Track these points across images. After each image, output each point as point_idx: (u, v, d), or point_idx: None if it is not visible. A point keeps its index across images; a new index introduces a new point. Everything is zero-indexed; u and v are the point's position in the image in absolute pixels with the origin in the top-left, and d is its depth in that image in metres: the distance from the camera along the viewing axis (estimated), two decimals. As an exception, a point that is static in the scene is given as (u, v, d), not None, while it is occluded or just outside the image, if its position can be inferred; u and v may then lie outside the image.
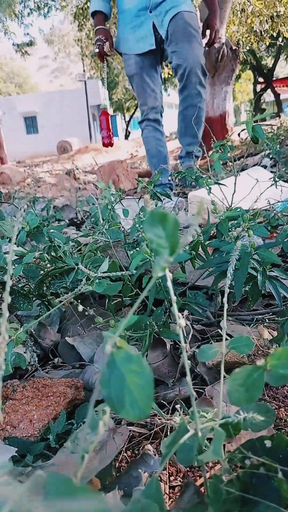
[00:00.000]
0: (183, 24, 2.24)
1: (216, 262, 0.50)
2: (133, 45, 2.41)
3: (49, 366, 0.72)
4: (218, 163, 0.68)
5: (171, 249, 0.24)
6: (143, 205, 0.55)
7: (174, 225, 0.24)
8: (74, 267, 0.62)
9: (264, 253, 0.47)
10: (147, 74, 2.43)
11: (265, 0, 7.50)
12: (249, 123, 0.60)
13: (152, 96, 2.48)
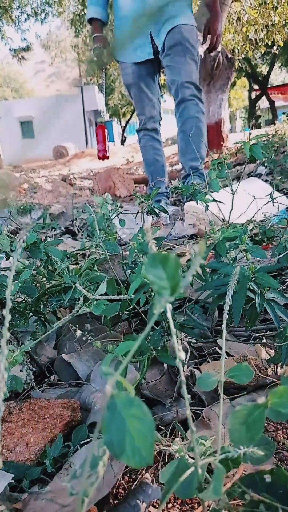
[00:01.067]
0: (180, 39, 2.20)
1: (214, 285, 0.50)
2: (130, 54, 2.36)
3: (45, 384, 0.71)
4: (216, 181, 0.68)
5: (172, 289, 0.24)
6: (141, 227, 0.55)
7: (175, 266, 0.24)
8: (71, 286, 0.62)
9: (262, 277, 0.47)
10: (144, 83, 2.39)
11: (260, 9, 7.59)
12: (246, 143, 0.61)
13: (149, 105, 2.45)
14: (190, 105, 2.22)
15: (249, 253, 0.49)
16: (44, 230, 1.90)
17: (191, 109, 2.23)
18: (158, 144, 2.57)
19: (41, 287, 0.75)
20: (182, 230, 1.71)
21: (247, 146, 0.61)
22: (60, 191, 5.25)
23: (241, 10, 7.57)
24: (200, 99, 2.25)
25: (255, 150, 0.60)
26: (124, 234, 1.93)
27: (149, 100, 2.43)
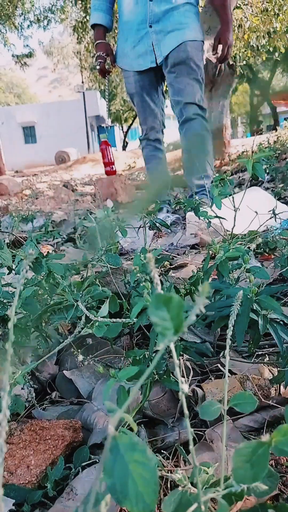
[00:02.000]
0: (185, 58, 2.11)
1: (217, 306, 0.50)
2: (133, 62, 2.28)
3: (47, 401, 0.71)
4: (218, 199, 0.68)
5: (175, 330, 0.24)
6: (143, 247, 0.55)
7: (179, 307, 0.24)
8: (73, 304, 0.61)
9: (265, 300, 0.46)
10: (147, 93, 2.32)
11: (262, 16, 7.63)
12: (249, 161, 0.61)
13: (151, 116, 2.39)
14: (194, 123, 2.17)
15: (252, 276, 0.49)
16: (46, 238, 1.90)
17: (196, 128, 2.18)
18: (161, 153, 2.55)
19: (42, 303, 0.75)
20: (184, 239, 1.71)
21: (249, 164, 0.60)
22: (62, 197, 5.27)
23: (243, 17, 7.61)
24: (204, 118, 2.19)
25: (258, 168, 0.60)
26: (126, 243, 1.93)
27: (151, 110, 2.38)
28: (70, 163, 15.40)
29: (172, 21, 2.10)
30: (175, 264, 1.49)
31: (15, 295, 0.33)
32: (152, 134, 2.43)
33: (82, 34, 10.95)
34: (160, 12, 2.09)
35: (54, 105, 25.23)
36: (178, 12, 2.10)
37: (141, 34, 2.17)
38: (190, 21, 2.13)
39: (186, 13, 2.11)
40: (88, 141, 22.99)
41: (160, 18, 2.10)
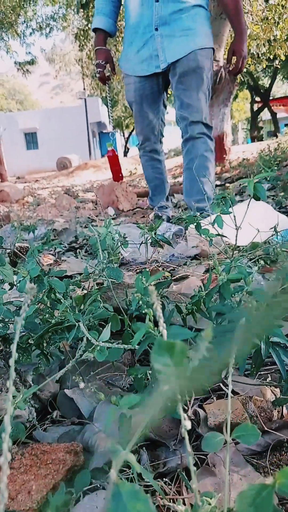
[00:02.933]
0: (195, 68, 2.01)
1: (219, 331, 0.50)
2: (136, 66, 2.15)
3: (48, 421, 0.70)
4: (219, 218, 0.68)
5: (178, 376, 0.24)
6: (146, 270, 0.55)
7: (181, 353, 0.24)
8: (75, 324, 0.61)
9: (267, 326, 0.46)
10: (147, 103, 2.22)
11: (262, 25, 7.68)
12: (250, 181, 0.61)
13: (149, 127, 2.30)
14: (198, 143, 2.10)
15: (255, 301, 0.49)
16: (47, 247, 1.90)
17: (200, 147, 2.10)
18: (158, 163, 2.48)
19: (43, 321, 0.75)
20: (185, 250, 1.71)
21: (251, 184, 0.61)
22: (64, 204, 5.28)
23: (243, 25, 7.64)
24: (209, 137, 2.12)
25: (259, 189, 0.60)
26: (127, 252, 1.93)
27: (148, 121, 2.29)
28: (71, 169, 15.46)
29: (180, 26, 1.98)
30: (176, 275, 1.49)
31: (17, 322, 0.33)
32: (148, 145, 2.38)
33: (84, 42, 11.05)
34: (166, 14, 1.97)
35: (55, 111, 25.39)
36: (187, 16, 1.98)
37: (146, 38, 2.05)
38: (200, 26, 2.01)
39: (195, 17, 1.99)
40: (90, 147, 23.10)
41: (167, 21, 1.98)
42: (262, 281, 1.22)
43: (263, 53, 8.08)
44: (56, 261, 2.03)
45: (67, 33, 12.53)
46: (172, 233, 2.04)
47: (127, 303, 0.76)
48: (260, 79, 20.14)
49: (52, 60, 19.43)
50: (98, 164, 15.02)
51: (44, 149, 24.00)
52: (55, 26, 12.78)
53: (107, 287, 0.94)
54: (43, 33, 12.97)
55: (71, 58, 17.99)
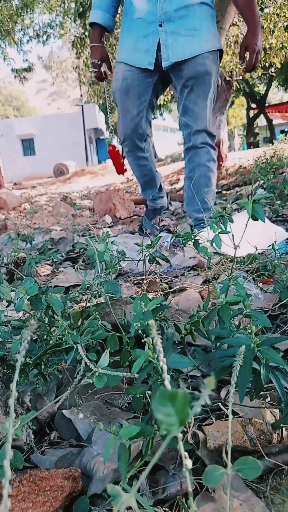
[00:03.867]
0: (203, 73, 1.92)
1: (218, 356, 0.50)
2: (130, 55, 1.99)
3: (45, 443, 0.69)
4: (218, 237, 0.68)
5: (180, 423, 0.24)
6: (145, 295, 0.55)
7: (184, 401, 0.23)
8: (73, 346, 0.61)
9: (267, 352, 0.46)
10: (133, 95, 2.02)
11: (258, 33, 7.73)
12: (248, 203, 0.61)
13: (132, 123, 2.09)
14: (201, 152, 2.04)
15: (254, 326, 0.48)
16: (44, 259, 1.89)
17: (202, 157, 2.04)
18: (144, 160, 2.29)
19: (41, 340, 0.74)
20: (183, 261, 1.71)
21: (249, 205, 0.61)
22: (61, 211, 5.29)
23: (239, 33, 7.73)
24: (212, 146, 2.07)
25: (258, 210, 0.60)
26: (125, 263, 1.93)
27: (132, 117, 2.07)
28: (68, 175, 15.49)
29: (185, 24, 1.87)
30: (174, 287, 1.49)
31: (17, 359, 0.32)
32: (129, 144, 2.19)
33: (81, 50, 11.11)
34: (171, 10, 1.86)
35: (53, 117, 25.48)
36: (194, 14, 1.87)
37: (148, 31, 1.92)
38: (206, 26, 1.91)
39: (201, 16, 1.89)
40: (87, 153, 23.16)
41: (172, 17, 1.87)
42: (260, 295, 1.22)
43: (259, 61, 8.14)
44: (54, 272, 2.02)
45: (64, 40, 12.61)
46: (169, 243, 2.05)
47: (125, 322, 0.75)
48: (255, 86, 20.33)
49: (49, 67, 19.52)
50: (95, 170, 15.06)
51: (41, 155, 24.05)
52: (52, 34, 12.85)
53: (105, 302, 0.94)
54: (40, 40, 13.03)
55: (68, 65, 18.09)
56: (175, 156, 21.79)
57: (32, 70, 13.99)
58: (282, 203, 2.90)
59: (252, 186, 4.46)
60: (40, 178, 18.92)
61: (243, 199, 0.65)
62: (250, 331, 0.47)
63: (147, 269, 1.57)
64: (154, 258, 0.87)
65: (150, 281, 1.51)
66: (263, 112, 20.67)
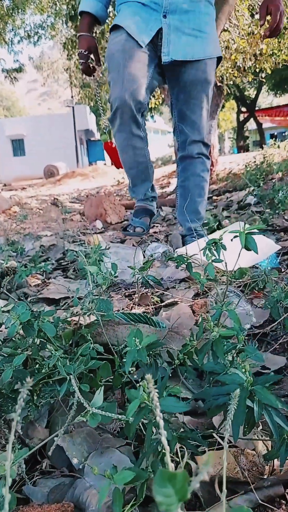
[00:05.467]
0: (203, 80, 1.86)
1: (212, 394, 0.50)
2: (129, 21, 1.77)
3: (37, 472, 0.69)
4: (211, 266, 0.69)
5: (179, 501, 0.24)
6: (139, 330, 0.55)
7: (183, 481, 0.23)
8: (66, 377, 0.61)
9: (261, 392, 0.46)
10: (137, 58, 1.77)
11: (248, 39, 7.82)
12: (242, 233, 0.61)
13: (135, 83, 1.76)
14: (196, 163, 2.00)
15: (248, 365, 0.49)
16: (35, 271, 1.88)
17: (197, 167, 2.00)
18: (140, 141, 1.93)
19: (32, 364, 0.74)
20: (174, 273, 1.71)
21: (242, 236, 0.61)
22: (51, 215, 5.26)
23: (230, 39, 7.80)
24: (207, 156, 2.04)
25: (251, 242, 0.60)
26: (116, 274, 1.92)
27: (134, 76, 1.76)
28: (59, 177, 15.41)
29: (190, 22, 1.76)
30: (165, 300, 1.49)
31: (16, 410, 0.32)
32: (124, 112, 1.79)
33: (72, 51, 11.08)
34: (179, 1, 1.73)
35: (43, 118, 25.36)
36: (200, 12, 1.78)
37: (150, 18, 1.76)
38: (210, 30, 1.84)
39: (207, 17, 1.82)
40: (77, 154, 23.09)
41: (177, 10, 1.74)
42: (251, 311, 1.23)
43: (249, 67, 8.22)
44: (44, 281, 2.01)
45: (56, 41, 12.58)
46: (161, 254, 2.05)
47: (117, 343, 0.75)
48: (246, 90, 20.50)
49: (40, 67, 19.43)
50: (86, 172, 15.01)
51: (31, 156, 23.90)
52: (43, 35, 12.80)
53: (97, 323, 0.94)
54: (31, 41, 12.97)
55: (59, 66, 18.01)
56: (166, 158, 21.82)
57: (22, 71, 13.92)
58: (272, 211, 2.92)
59: (243, 193, 4.49)
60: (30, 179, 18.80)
61: (234, 226, 0.66)
62: (244, 369, 0.48)
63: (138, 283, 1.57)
64: (147, 281, 0.87)
65: (141, 294, 1.51)
66: (253, 116, 20.87)
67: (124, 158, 2.00)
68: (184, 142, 2.00)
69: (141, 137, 1.93)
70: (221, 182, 6.35)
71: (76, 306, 1.08)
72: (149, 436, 0.43)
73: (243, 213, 3.31)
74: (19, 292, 1.83)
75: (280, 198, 2.64)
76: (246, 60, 8.31)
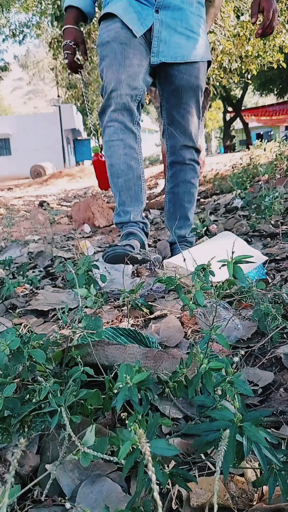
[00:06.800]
0: (196, 86, 1.80)
1: (202, 430, 0.51)
2: (121, 11, 1.66)
3: (29, 501, 0.69)
4: (200, 293, 0.70)
5: None
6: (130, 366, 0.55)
7: None
8: (57, 409, 0.61)
9: (250, 430, 0.47)
10: (132, 47, 1.65)
11: (234, 40, 7.88)
12: (230, 263, 0.62)
13: (131, 70, 1.64)
14: (187, 169, 1.96)
15: (237, 402, 0.50)
16: (23, 283, 1.87)
17: (188, 174, 1.96)
18: (133, 138, 1.71)
19: (23, 391, 0.74)
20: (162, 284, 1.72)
21: (230, 266, 0.62)
22: (38, 218, 5.22)
23: (216, 40, 7.84)
24: (197, 162, 2.00)
25: (238, 272, 0.61)
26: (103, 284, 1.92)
27: (131, 64, 1.64)
28: (46, 177, 15.30)
29: (184, 21, 1.69)
30: (154, 311, 1.49)
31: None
32: (119, 98, 1.64)
33: (58, 51, 11.01)
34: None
35: (29, 117, 25.14)
36: (192, 13, 1.71)
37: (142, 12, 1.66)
38: (202, 31, 1.77)
39: (199, 19, 1.76)
40: (64, 154, 22.96)
41: (171, 6, 1.66)
42: (239, 324, 1.24)
43: (235, 68, 8.28)
44: (32, 291, 1.99)
45: (41, 39, 12.49)
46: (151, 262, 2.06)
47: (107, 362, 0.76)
48: (232, 89, 20.64)
49: (26, 66, 19.26)
50: (73, 172, 14.93)
51: (17, 155, 23.67)
52: (29, 33, 12.69)
53: (87, 343, 0.94)
54: (16, 40, 12.84)
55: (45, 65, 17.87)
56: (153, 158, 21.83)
57: (8, 70, 13.79)
58: (258, 216, 2.95)
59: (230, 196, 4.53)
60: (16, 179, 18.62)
61: (222, 235, 0.67)
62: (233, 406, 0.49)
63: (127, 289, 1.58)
64: (137, 305, 0.88)
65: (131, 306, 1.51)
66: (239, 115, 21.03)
67: (111, 160, 1.74)
68: (173, 147, 1.95)
69: (134, 134, 1.73)
70: (208, 184, 6.39)
71: (65, 323, 1.08)
72: (140, 477, 0.43)
73: (231, 217, 3.34)
74: (7, 303, 1.81)
75: (267, 204, 2.67)
76: (232, 62, 8.37)
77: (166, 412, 0.85)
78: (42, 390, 0.62)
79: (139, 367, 0.65)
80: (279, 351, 1.13)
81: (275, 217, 2.85)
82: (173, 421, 0.84)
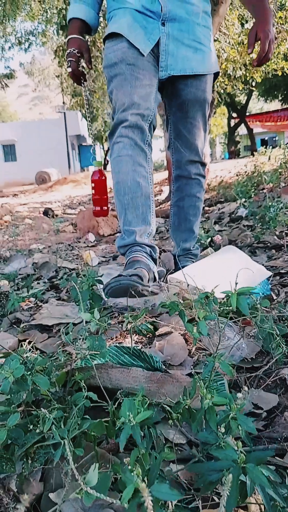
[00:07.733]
0: (203, 99, 1.79)
1: (205, 469, 0.51)
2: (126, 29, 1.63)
3: (32, 532, 0.69)
4: (203, 323, 0.70)
5: None
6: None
7: None
8: (60, 442, 0.61)
9: (253, 471, 0.47)
10: (142, 67, 1.62)
11: (238, 48, 7.91)
12: (233, 295, 0.62)
13: (143, 91, 1.61)
14: (192, 183, 1.95)
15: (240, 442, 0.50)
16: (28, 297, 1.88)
17: (193, 188, 1.96)
18: (143, 158, 1.65)
19: (26, 419, 0.74)
20: (166, 297, 1.72)
21: (233, 297, 0.62)
22: (43, 226, 5.25)
23: (220, 48, 7.87)
24: (203, 176, 1.99)
25: (242, 303, 0.61)
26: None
27: (142, 85, 1.60)
28: (50, 183, 15.37)
29: (191, 32, 1.68)
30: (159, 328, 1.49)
31: None
32: (132, 116, 1.59)
33: (64, 59, 11.10)
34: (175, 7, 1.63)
35: (34, 123, 25.34)
36: (198, 24, 1.69)
37: (147, 26, 1.63)
38: (209, 42, 1.75)
39: (206, 30, 1.74)
40: (69, 160, 23.09)
41: (177, 18, 1.64)
42: (244, 344, 1.24)
43: (239, 76, 8.31)
44: (36, 304, 2.00)
45: (47, 47, 12.62)
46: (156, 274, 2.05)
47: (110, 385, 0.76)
48: (236, 96, 20.70)
49: (31, 73, 19.44)
50: (77, 178, 15.00)
51: (23, 161, 23.84)
52: (34, 41, 12.82)
53: (90, 366, 0.94)
54: (22, 47, 12.98)
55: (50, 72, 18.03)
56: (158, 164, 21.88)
57: (13, 77, 13.93)
58: (263, 226, 2.94)
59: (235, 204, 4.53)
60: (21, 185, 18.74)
61: (225, 250, 0.67)
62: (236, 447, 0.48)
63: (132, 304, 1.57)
64: (140, 330, 0.88)
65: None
66: (243, 121, 21.07)
67: (118, 177, 1.64)
68: (179, 161, 1.94)
69: (145, 153, 1.66)
70: (213, 192, 6.39)
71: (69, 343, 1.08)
72: None
73: (235, 227, 3.34)
74: (11, 317, 1.82)
75: (271, 215, 2.67)
76: (236, 69, 8.40)
77: (170, 437, 0.85)
78: (46, 421, 0.62)
79: (142, 395, 0.65)
80: (284, 372, 1.13)
81: (279, 227, 2.85)
82: (176, 447, 0.84)
